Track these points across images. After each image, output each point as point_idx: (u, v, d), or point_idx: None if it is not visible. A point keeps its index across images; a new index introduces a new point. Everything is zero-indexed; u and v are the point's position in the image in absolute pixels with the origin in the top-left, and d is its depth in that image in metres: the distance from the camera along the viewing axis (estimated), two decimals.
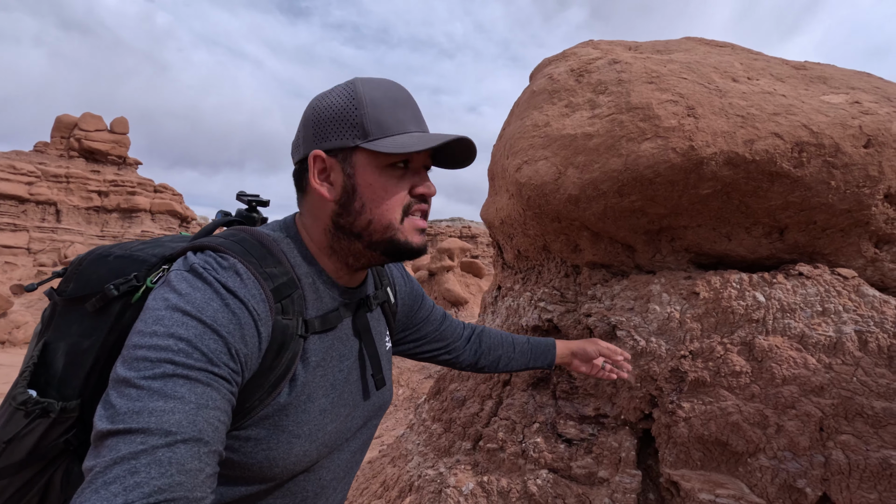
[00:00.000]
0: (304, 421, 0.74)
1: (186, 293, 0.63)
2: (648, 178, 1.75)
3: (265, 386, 0.69)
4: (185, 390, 0.56)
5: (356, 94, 0.76)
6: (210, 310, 0.62)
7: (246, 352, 0.64)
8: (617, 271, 2.19)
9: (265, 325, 0.68)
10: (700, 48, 2.36)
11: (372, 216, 0.77)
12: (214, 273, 0.66)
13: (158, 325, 0.59)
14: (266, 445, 0.70)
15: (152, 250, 0.78)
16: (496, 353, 1.25)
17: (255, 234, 0.77)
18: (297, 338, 0.72)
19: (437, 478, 2.29)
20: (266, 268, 0.72)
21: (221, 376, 0.60)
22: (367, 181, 0.76)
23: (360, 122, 0.74)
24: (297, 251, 0.79)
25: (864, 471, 1.47)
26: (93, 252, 0.80)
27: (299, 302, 0.75)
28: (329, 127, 0.76)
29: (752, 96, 1.78)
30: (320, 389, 0.77)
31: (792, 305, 1.75)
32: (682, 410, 1.75)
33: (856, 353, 1.63)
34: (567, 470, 1.99)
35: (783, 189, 1.72)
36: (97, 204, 31.21)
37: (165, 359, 0.57)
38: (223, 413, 0.59)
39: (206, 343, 0.60)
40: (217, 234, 0.78)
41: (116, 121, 33.63)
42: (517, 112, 2.31)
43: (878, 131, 1.66)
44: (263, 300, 0.68)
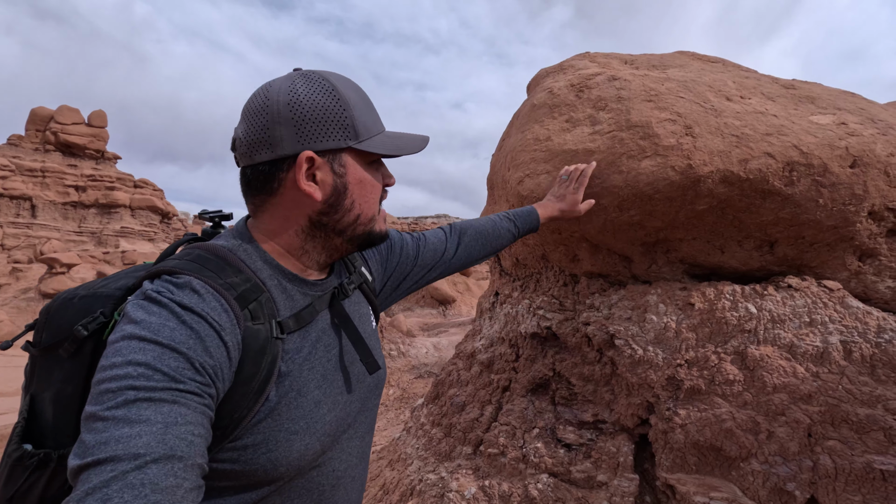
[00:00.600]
0: (299, 416, 0.75)
1: (142, 320, 0.63)
2: (648, 195, 1.82)
3: (250, 393, 0.69)
4: (150, 412, 0.56)
5: (339, 94, 0.78)
6: (166, 330, 0.63)
7: (213, 363, 0.64)
8: (614, 281, 2.26)
9: (231, 335, 0.68)
10: (694, 64, 2.44)
11: (360, 211, 0.82)
12: (170, 295, 0.67)
13: (117, 356, 0.60)
14: (265, 448, 0.71)
15: (115, 284, 0.79)
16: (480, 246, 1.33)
17: (210, 247, 0.77)
18: (273, 341, 0.73)
19: (438, 482, 2.35)
20: (225, 279, 0.72)
21: (188, 391, 0.60)
22: (357, 178, 0.81)
23: (351, 124, 0.78)
24: (256, 256, 0.80)
25: (849, 474, 1.57)
26: (58, 297, 0.80)
27: (269, 305, 0.75)
28: (317, 127, 0.77)
29: (746, 116, 1.85)
30: (311, 382, 0.78)
31: (781, 316, 1.83)
32: (679, 417, 1.83)
33: (841, 363, 1.73)
34: (567, 474, 2.06)
35: (774, 206, 1.80)
36: (74, 199, 30.46)
37: (126, 386, 0.57)
38: (197, 426, 0.59)
39: (166, 363, 0.60)
40: (173, 256, 0.78)
41: (94, 114, 32.83)
42: (518, 124, 2.36)
43: (864, 152, 1.75)
44: (226, 310, 0.69)
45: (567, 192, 1.59)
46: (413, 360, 7.60)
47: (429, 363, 7.49)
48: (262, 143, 0.77)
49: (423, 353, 7.92)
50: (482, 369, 2.67)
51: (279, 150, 0.77)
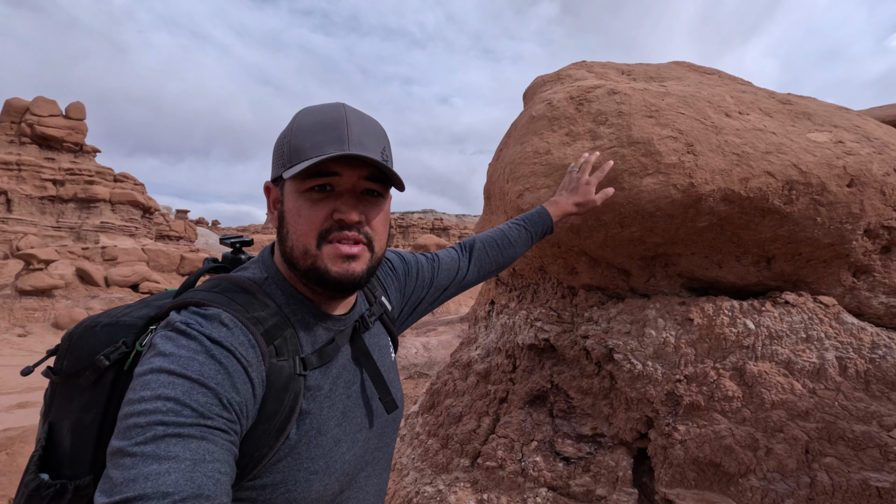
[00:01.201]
0: (319, 455, 0.74)
1: (171, 353, 0.63)
2: (649, 212, 1.82)
3: (271, 431, 0.68)
4: (178, 449, 0.55)
5: (293, 122, 0.79)
6: (195, 364, 0.62)
7: (239, 400, 0.64)
8: (612, 294, 2.27)
9: (257, 371, 0.67)
10: (691, 76, 2.44)
11: (293, 242, 0.76)
12: (199, 328, 0.66)
13: (145, 390, 0.59)
14: (285, 488, 0.70)
15: (138, 312, 0.79)
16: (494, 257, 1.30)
17: (236, 279, 0.77)
18: (296, 377, 0.72)
19: (436, 495, 2.34)
20: (253, 312, 0.72)
21: (216, 427, 0.60)
22: (289, 206, 0.77)
23: (286, 151, 0.77)
24: (280, 290, 0.79)
25: (846, 491, 1.59)
26: (81, 324, 0.79)
27: (293, 341, 0.75)
28: (273, 158, 0.81)
29: (746, 133, 1.86)
30: (331, 420, 0.77)
31: (779, 332, 1.86)
32: (678, 433, 1.85)
33: (837, 379, 1.75)
34: (566, 488, 2.07)
35: (773, 223, 1.82)
36: (52, 193, 29.69)
37: (155, 421, 0.56)
38: (224, 464, 0.59)
39: (195, 398, 0.59)
40: (199, 287, 0.78)
41: (72, 106, 31.95)
42: (516, 136, 2.34)
43: (861, 171, 1.78)
44: (253, 346, 0.68)
45: (580, 184, 1.49)
46: (402, 361, 7.59)
47: (419, 363, 7.48)
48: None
49: (413, 353, 7.91)
50: (479, 380, 2.67)
51: None
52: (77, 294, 24.96)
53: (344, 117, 0.77)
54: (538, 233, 1.40)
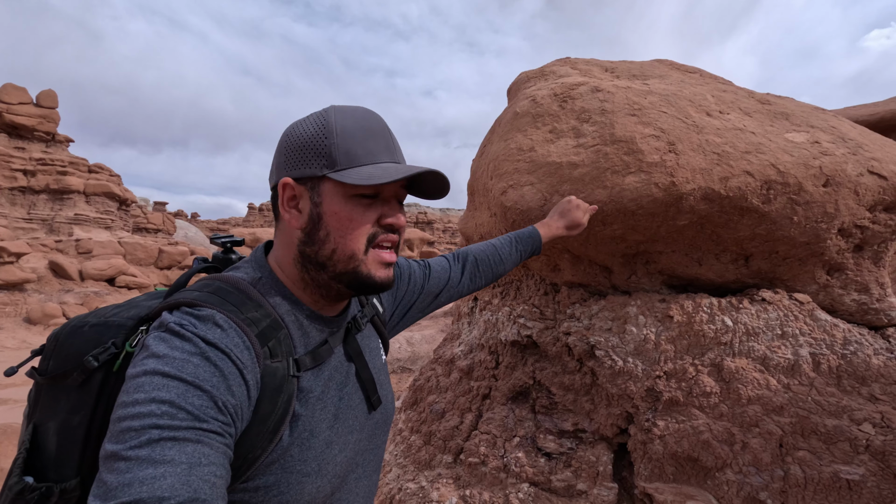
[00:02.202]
0: (311, 458, 0.74)
1: (164, 354, 0.62)
2: (631, 210, 1.83)
3: (265, 433, 0.68)
4: (174, 452, 0.55)
5: (326, 123, 0.77)
6: (190, 366, 0.61)
7: (234, 402, 0.63)
8: (594, 291, 2.28)
9: (251, 373, 0.67)
10: (673, 74, 2.46)
11: (336, 245, 0.77)
12: (193, 328, 0.65)
13: (139, 392, 0.58)
14: (277, 491, 0.70)
15: (127, 313, 0.78)
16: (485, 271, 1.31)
17: (230, 279, 0.76)
18: (289, 379, 0.72)
19: (418, 491, 2.34)
20: (247, 313, 0.72)
21: (211, 430, 0.59)
22: (333, 210, 0.76)
23: (329, 152, 0.75)
24: (274, 290, 0.79)
25: (817, 484, 1.64)
26: (68, 324, 0.78)
27: (286, 342, 0.75)
28: (298, 155, 0.77)
29: (726, 133, 1.88)
30: (323, 423, 0.77)
31: (756, 329, 1.89)
32: (658, 428, 1.87)
33: (810, 374, 1.80)
34: (547, 483, 2.09)
35: (752, 222, 1.85)
36: (23, 184, 28.71)
37: (150, 424, 0.56)
38: (219, 467, 0.59)
39: (190, 401, 0.59)
40: (191, 287, 0.77)
41: (43, 93, 30.86)
42: (500, 132, 2.33)
43: (836, 172, 1.81)
44: (248, 347, 0.68)
45: (570, 207, 1.55)
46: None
47: (402, 358, 7.46)
48: (271, 172, 0.83)
49: (397, 347, 7.88)
50: (462, 376, 2.67)
51: (274, 177, 0.81)
52: (50, 288, 24.27)
53: (386, 126, 0.81)
54: (527, 252, 1.44)
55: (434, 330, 9.12)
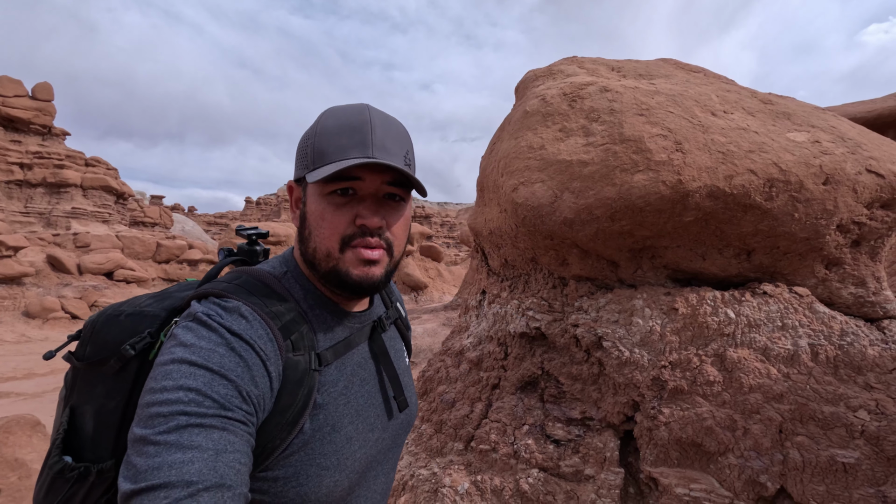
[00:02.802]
0: (331, 452, 0.74)
1: (192, 343, 0.64)
2: (639, 207, 1.91)
3: (284, 424, 0.69)
4: (201, 438, 0.57)
5: (315, 125, 0.79)
6: (216, 356, 0.63)
7: (257, 393, 0.65)
8: (601, 284, 2.36)
9: (274, 365, 0.69)
10: (678, 74, 2.53)
11: (315, 244, 0.78)
12: (219, 319, 0.67)
13: (167, 379, 0.60)
14: (296, 482, 0.70)
15: (161, 304, 0.80)
16: None
17: (257, 273, 0.79)
18: (311, 373, 0.73)
19: (431, 477, 2.43)
20: (271, 306, 0.73)
21: (236, 419, 0.61)
22: (312, 209, 0.78)
23: (310, 152, 0.77)
24: (299, 285, 0.81)
25: (815, 467, 1.73)
26: (103, 313, 0.81)
27: (309, 336, 0.76)
28: (297, 157, 0.81)
29: (731, 132, 1.96)
30: (345, 418, 0.78)
31: (757, 321, 1.98)
32: (663, 416, 1.96)
33: (809, 364, 1.88)
34: (556, 469, 2.18)
35: (754, 218, 1.92)
36: (19, 178, 28.56)
37: (178, 411, 0.58)
38: (243, 455, 0.60)
39: (216, 389, 0.61)
40: (219, 279, 0.79)
41: (39, 86, 30.65)
42: (510, 130, 2.40)
43: (835, 170, 1.89)
44: (271, 339, 0.70)
45: None
46: None
47: None
48: None
49: None
50: (471, 367, 2.75)
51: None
52: (48, 282, 24.24)
53: (368, 120, 0.77)
54: None
55: (436, 324, 9.21)
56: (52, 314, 21.42)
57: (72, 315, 21.89)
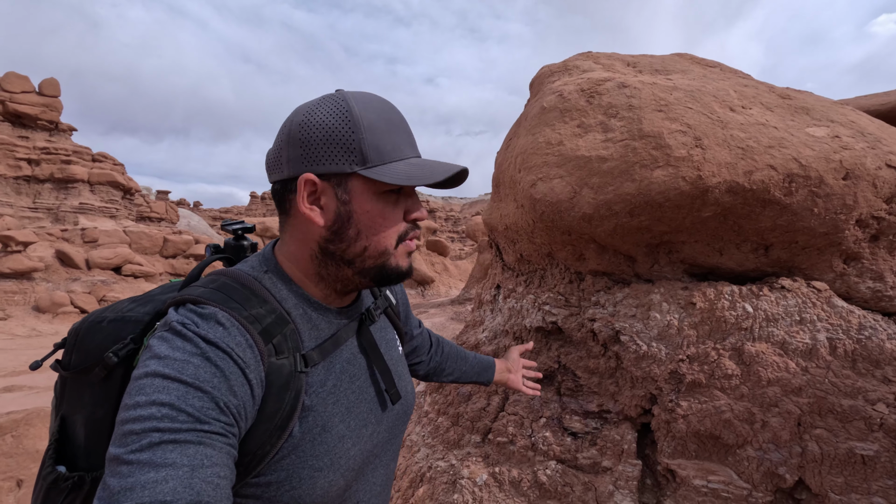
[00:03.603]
0: (323, 452, 0.73)
1: (166, 355, 0.62)
2: (658, 203, 1.92)
3: (272, 429, 0.68)
4: (175, 455, 0.55)
5: (351, 116, 0.72)
6: (191, 367, 0.61)
7: (237, 402, 0.63)
8: (618, 279, 2.38)
9: (255, 372, 0.66)
10: (695, 69, 2.53)
11: (368, 243, 0.75)
12: (194, 328, 0.65)
13: (140, 395, 0.58)
14: (289, 485, 0.70)
15: (143, 308, 0.78)
16: (450, 368, 1.30)
17: (235, 275, 0.75)
18: (297, 375, 0.71)
19: (448, 469, 2.46)
20: (251, 310, 0.70)
21: (213, 432, 0.59)
22: (365, 208, 0.74)
23: (359, 148, 0.72)
24: (281, 284, 0.77)
25: (833, 459, 1.75)
26: (86, 319, 0.79)
27: (293, 338, 0.73)
28: (322, 149, 0.72)
29: (749, 128, 1.96)
30: (336, 417, 0.76)
31: (775, 315, 1.99)
32: (681, 409, 1.98)
33: (827, 358, 1.90)
34: (574, 461, 2.21)
35: (773, 214, 1.94)
36: (27, 173, 28.77)
37: (150, 428, 0.56)
38: (222, 468, 0.59)
39: (191, 403, 0.59)
40: (197, 283, 0.76)
41: (45, 82, 30.78)
42: (527, 126, 2.41)
43: (856, 165, 1.90)
44: (251, 345, 0.67)
45: (516, 368, 1.46)
46: None
47: None
48: (276, 162, 0.76)
49: None
50: None
51: (286, 170, 0.75)
52: (57, 277, 24.47)
53: (402, 116, 0.78)
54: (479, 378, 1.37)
55: (444, 318, 9.25)
56: (62, 309, 21.64)
57: (81, 310, 22.11)
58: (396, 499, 2.63)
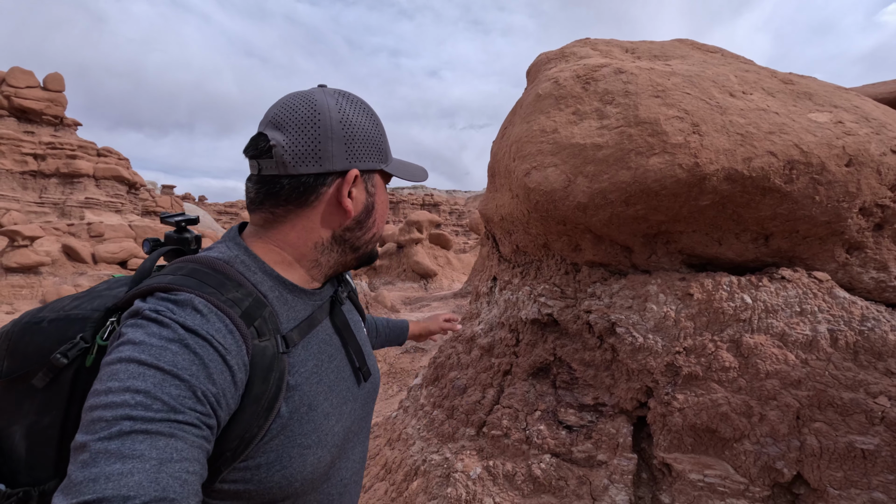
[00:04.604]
0: (311, 430, 0.74)
1: (141, 341, 0.59)
2: (654, 191, 1.87)
3: (259, 411, 0.67)
4: (144, 447, 0.53)
5: (376, 118, 0.85)
6: (168, 354, 0.59)
7: (215, 391, 0.61)
8: (615, 270, 2.34)
9: (236, 357, 0.65)
10: (695, 55, 2.46)
11: (377, 230, 0.88)
12: (171, 315, 0.62)
13: (113, 380, 0.56)
14: (280, 465, 0.69)
15: (90, 304, 0.73)
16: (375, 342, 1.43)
17: (205, 260, 0.72)
18: (279, 356, 0.71)
19: (443, 463, 2.44)
20: (227, 294, 0.69)
21: (187, 423, 0.57)
22: (382, 199, 0.87)
23: (383, 147, 0.85)
24: (255, 267, 0.77)
25: (832, 453, 1.71)
26: (18, 322, 0.73)
27: (272, 319, 0.73)
28: (364, 148, 0.81)
29: (750, 113, 1.90)
30: (320, 395, 0.77)
31: (774, 306, 1.94)
32: (677, 402, 1.94)
33: (828, 350, 1.85)
34: (568, 454, 2.18)
35: (773, 202, 1.88)
36: (33, 168, 28.94)
37: (122, 415, 0.53)
38: (192, 462, 0.56)
39: (167, 391, 0.56)
40: (162, 271, 0.73)
41: (50, 77, 30.86)
42: (522, 114, 2.36)
43: (859, 152, 1.84)
44: (231, 331, 0.66)
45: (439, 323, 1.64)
46: None
47: None
48: (310, 155, 0.76)
49: None
50: (482, 353, 2.75)
51: (329, 164, 0.77)
52: (64, 271, 24.66)
53: None
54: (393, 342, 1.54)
55: (446, 311, 9.23)
56: None
57: None
58: (391, 492, 2.62)
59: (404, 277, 14.64)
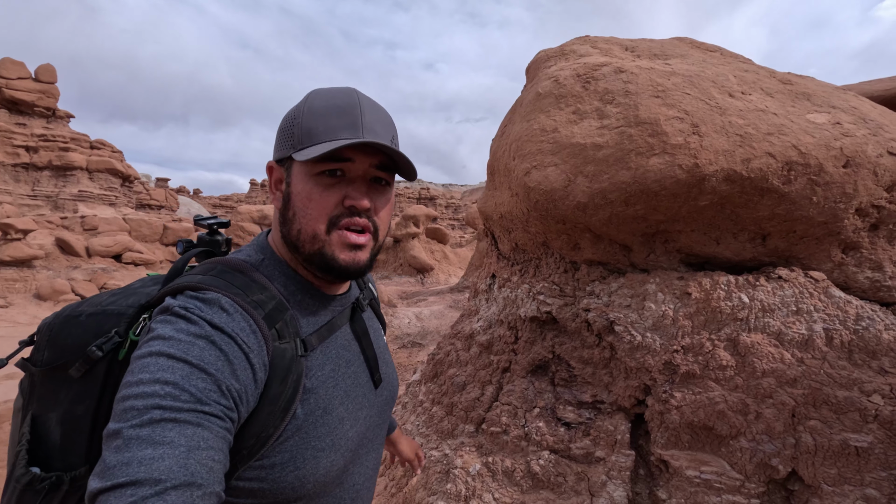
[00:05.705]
0: (325, 433, 0.75)
1: (170, 336, 0.62)
2: (654, 191, 1.88)
3: (276, 411, 0.69)
4: (174, 434, 0.55)
5: (301, 105, 0.77)
6: (196, 349, 0.62)
7: (238, 387, 0.63)
8: (613, 269, 2.35)
9: (258, 356, 0.67)
10: (694, 53, 2.47)
11: (300, 226, 0.76)
12: (199, 312, 0.65)
13: (144, 372, 0.59)
14: (293, 466, 0.71)
15: (126, 301, 0.77)
16: None
17: (232, 262, 0.76)
18: (298, 359, 0.73)
19: (442, 459, 2.46)
20: (252, 296, 0.71)
21: (212, 414, 0.59)
22: (298, 189, 0.76)
23: (295, 132, 0.76)
24: (278, 271, 0.79)
25: (827, 450, 1.74)
26: (60, 314, 0.78)
27: (293, 323, 0.75)
28: (279, 137, 0.79)
29: (748, 114, 1.92)
30: (335, 399, 0.78)
31: (771, 306, 1.96)
32: (675, 399, 1.97)
33: (823, 349, 1.88)
34: (567, 451, 2.20)
35: (771, 202, 1.90)
36: (25, 160, 28.65)
37: (152, 405, 0.56)
38: (217, 452, 0.59)
39: (194, 383, 0.59)
40: (192, 271, 0.76)
41: (42, 68, 30.50)
42: (522, 112, 2.36)
43: (856, 153, 1.85)
44: (255, 331, 0.68)
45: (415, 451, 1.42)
46: (396, 331, 7.73)
47: (412, 333, 7.63)
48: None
49: (406, 323, 8.04)
50: (481, 350, 2.77)
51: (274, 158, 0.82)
52: (58, 265, 24.50)
53: (357, 103, 0.77)
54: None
55: (442, 306, 9.26)
56: (63, 296, 21.67)
57: (82, 297, 22.18)
58: (391, 487, 2.64)
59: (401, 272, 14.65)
